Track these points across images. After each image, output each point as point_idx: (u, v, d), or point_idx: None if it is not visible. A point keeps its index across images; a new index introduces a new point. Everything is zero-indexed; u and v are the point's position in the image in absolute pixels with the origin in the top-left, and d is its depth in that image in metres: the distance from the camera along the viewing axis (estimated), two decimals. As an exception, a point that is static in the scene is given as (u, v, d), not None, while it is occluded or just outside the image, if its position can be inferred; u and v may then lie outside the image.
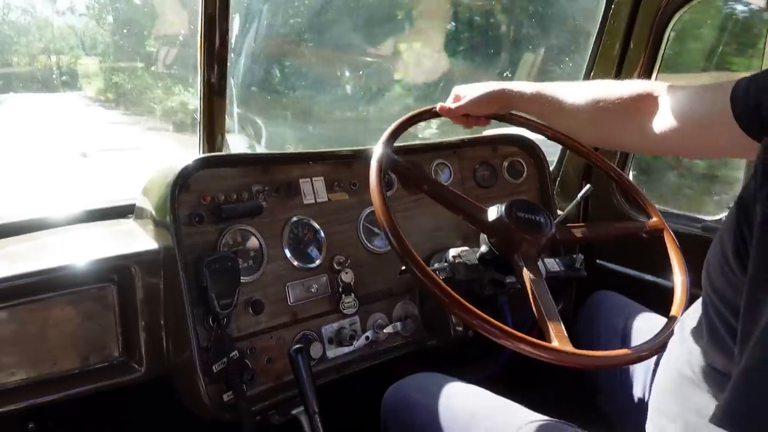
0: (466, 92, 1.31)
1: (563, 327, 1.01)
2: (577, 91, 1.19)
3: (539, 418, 1.06)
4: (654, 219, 1.34)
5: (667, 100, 1.04)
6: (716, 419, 0.64)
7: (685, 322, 0.88)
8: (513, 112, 1.35)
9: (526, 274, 1.12)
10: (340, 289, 1.42)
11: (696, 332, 0.82)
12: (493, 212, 1.19)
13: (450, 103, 1.34)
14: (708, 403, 0.77)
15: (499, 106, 1.31)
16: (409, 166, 1.22)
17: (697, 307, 0.84)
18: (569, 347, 0.97)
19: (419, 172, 1.26)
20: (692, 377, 0.80)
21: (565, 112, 1.20)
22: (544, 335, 1.00)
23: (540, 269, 1.17)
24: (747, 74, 0.89)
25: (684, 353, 0.84)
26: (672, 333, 1.06)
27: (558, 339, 0.98)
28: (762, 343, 0.60)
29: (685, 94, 1.01)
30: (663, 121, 1.03)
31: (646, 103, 1.07)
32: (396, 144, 1.25)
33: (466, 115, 1.33)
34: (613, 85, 1.15)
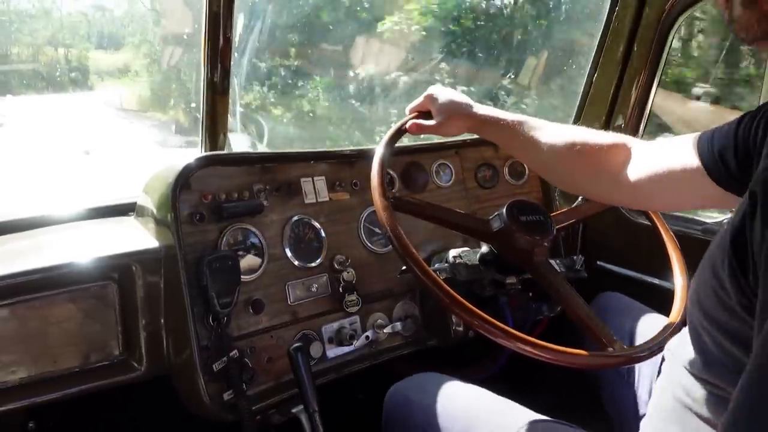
0: (438, 105, 1.28)
1: (606, 325, 1.05)
2: (553, 132, 1.16)
3: (540, 418, 1.06)
4: None
5: (640, 153, 1.06)
6: None
7: (675, 347, 0.88)
8: None
9: (549, 278, 1.14)
10: (341, 288, 1.42)
11: (687, 357, 0.82)
12: (495, 223, 1.20)
13: (417, 106, 1.33)
14: (707, 428, 0.77)
15: (469, 129, 1.28)
16: (406, 201, 1.22)
17: (686, 332, 0.84)
18: (619, 347, 1.01)
19: (414, 202, 1.26)
20: (688, 402, 0.80)
21: (538, 149, 1.16)
22: (595, 338, 1.04)
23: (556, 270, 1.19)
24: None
25: (677, 378, 0.84)
26: (673, 333, 1.06)
27: (607, 339, 1.02)
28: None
29: (658, 146, 1.04)
30: (636, 172, 1.04)
31: (621, 154, 1.08)
32: (398, 145, 1.25)
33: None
34: (591, 133, 1.14)
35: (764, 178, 0.63)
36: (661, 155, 1.01)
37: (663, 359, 1.20)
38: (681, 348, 0.85)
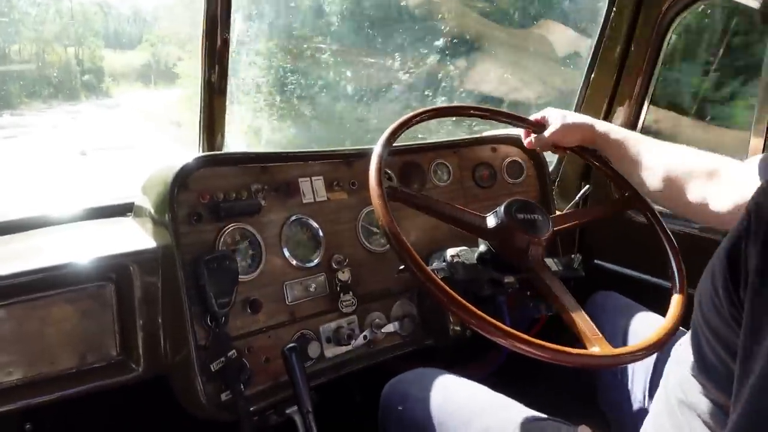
0: (554, 120, 1.41)
1: (593, 324, 1.04)
2: (658, 150, 1.26)
3: (537, 415, 1.07)
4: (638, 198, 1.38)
5: (727, 180, 1.11)
6: None
7: (679, 349, 0.90)
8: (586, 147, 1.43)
9: (542, 275, 1.14)
10: (338, 288, 1.42)
11: (688, 358, 0.83)
12: (492, 219, 1.20)
13: (534, 118, 1.47)
14: (705, 430, 0.78)
15: (581, 139, 1.39)
16: (403, 191, 1.22)
17: (689, 335, 0.85)
18: (608, 348, 0.99)
19: (412, 194, 1.27)
20: (687, 402, 0.82)
21: (642, 166, 1.26)
22: (578, 335, 1.02)
23: (551, 268, 1.19)
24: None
25: (678, 379, 0.85)
26: (671, 333, 1.06)
27: (594, 340, 1.00)
28: (756, 395, 0.60)
29: (743, 172, 1.07)
30: (724, 200, 1.09)
31: (712, 179, 1.14)
32: (395, 144, 1.25)
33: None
34: (690, 154, 1.22)
35: (756, 197, 0.65)
36: (742, 182, 1.05)
37: (657, 359, 1.21)
38: (684, 348, 0.86)
